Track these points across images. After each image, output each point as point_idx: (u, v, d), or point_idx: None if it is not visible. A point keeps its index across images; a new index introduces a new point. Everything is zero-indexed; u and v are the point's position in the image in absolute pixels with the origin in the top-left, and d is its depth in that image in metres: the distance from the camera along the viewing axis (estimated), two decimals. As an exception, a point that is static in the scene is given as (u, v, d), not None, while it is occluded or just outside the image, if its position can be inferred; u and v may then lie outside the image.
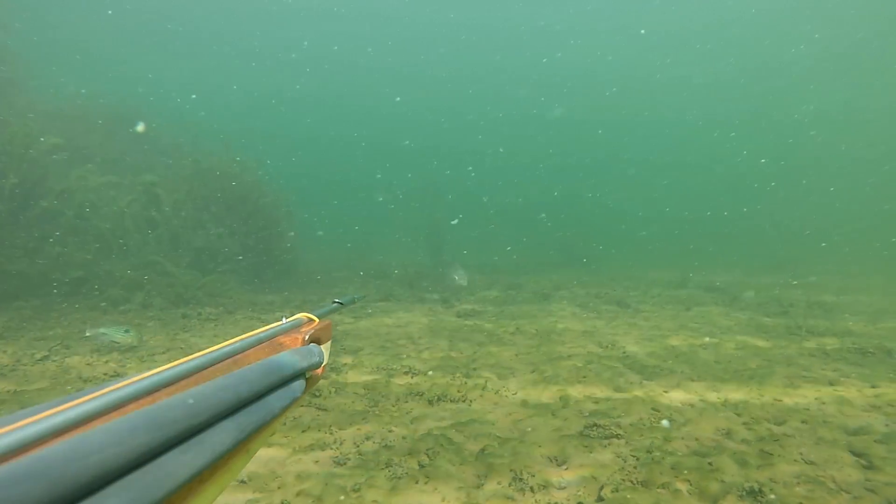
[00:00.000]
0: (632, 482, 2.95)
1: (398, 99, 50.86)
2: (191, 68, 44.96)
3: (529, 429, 3.72)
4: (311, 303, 9.12)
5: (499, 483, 2.93)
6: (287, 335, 0.89)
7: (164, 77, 40.58)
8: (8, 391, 4.32)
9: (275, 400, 0.72)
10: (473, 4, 41.10)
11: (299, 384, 0.82)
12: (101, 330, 5.40)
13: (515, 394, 4.47)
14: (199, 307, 8.01)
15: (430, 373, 5.01)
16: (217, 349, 0.70)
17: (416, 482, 2.91)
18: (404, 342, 6.33)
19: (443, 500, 2.75)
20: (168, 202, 8.98)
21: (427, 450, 3.30)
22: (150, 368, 0.60)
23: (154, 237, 8.71)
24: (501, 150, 54.50)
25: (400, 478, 2.96)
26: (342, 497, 2.74)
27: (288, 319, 0.95)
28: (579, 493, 2.84)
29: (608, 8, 39.50)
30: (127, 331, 5.47)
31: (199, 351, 0.68)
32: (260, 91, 50.59)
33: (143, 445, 0.45)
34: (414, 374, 4.96)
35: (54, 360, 5.22)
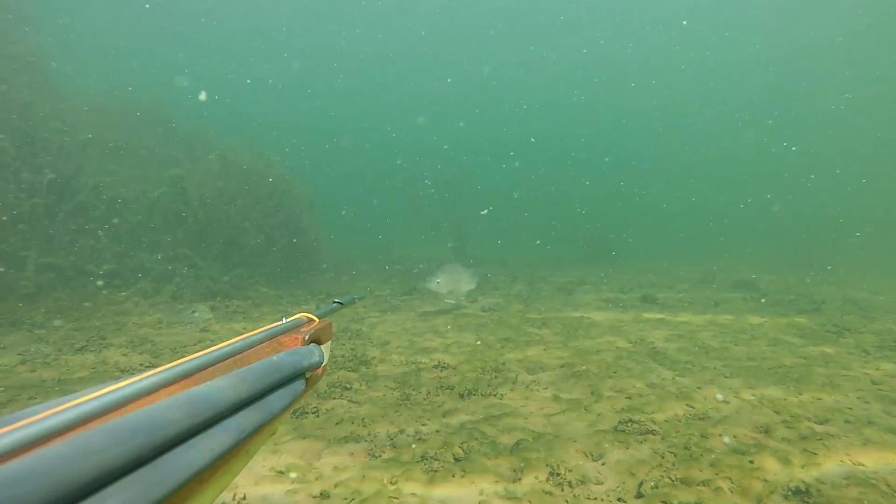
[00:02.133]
0: (671, 479, 2.90)
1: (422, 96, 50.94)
2: (217, 62, 45.62)
3: (563, 423, 3.69)
4: (337, 296, 9.20)
5: (536, 477, 2.92)
6: (287, 335, 0.89)
7: (190, 71, 41.23)
8: (53, 379, 4.45)
9: (275, 400, 0.72)
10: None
11: (299, 384, 0.82)
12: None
13: (546, 388, 4.44)
14: (226, 300, 8.14)
15: (460, 367, 5.01)
16: (217, 349, 0.70)
17: (453, 475, 2.91)
18: (431, 336, 6.34)
19: (480, 493, 2.74)
20: (195, 196, 9.12)
21: (461, 443, 3.30)
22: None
23: (182, 230, 8.86)
24: (533, 139, 54.19)
25: (436, 471, 2.96)
26: (380, 489, 2.75)
27: (288, 319, 0.95)
28: (618, 488, 2.80)
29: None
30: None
31: (200, 351, 0.67)
32: (286, 85, 51.11)
33: (143, 445, 0.45)
34: (443, 368, 4.96)
35: (92, 351, 5.36)
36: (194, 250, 8.71)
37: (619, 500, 2.68)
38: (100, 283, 8.01)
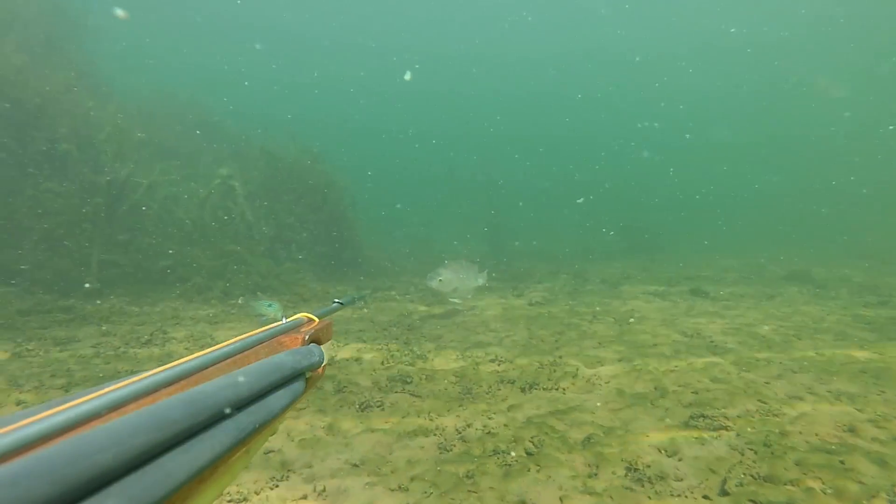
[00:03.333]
0: (754, 476, 2.81)
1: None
2: (261, 62, 46.77)
3: (631, 418, 3.61)
4: (381, 290, 9.29)
5: (613, 472, 2.86)
6: (287, 335, 0.89)
7: (233, 72, 42.36)
8: (127, 370, 4.64)
9: (275, 400, 0.72)
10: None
11: (299, 384, 0.81)
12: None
13: (608, 382, 4.36)
14: (276, 295, 8.31)
15: (516, 360, 4.97)
16: (217, 349, 0.70)
17: (528, 470, 2.89)
18: (482, 330, 6.32)
19: (560, 489, 2.71)
20: (242, 193, 9.34)
21: (531, 438, 3.27)
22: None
23: (231, 227, 9.10)
24: (567, 120, 53.37)
25: (510, 465, 2.94)
26: (456, 483, 2.75)
27: (288, 319, 0.95)
28: (701, 485, 2.73)
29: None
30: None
31: (201, 350, 0.67)
32: (328, 83, 51.95)
33: (143, 445, 0.45)
34: (500, 361, 4.93)
35: (157, 345, 5.56)
36: (243, 246, 8.93)
37: (704, 497, 2.60)
38: (156, 279, 8.30)
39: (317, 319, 1.01)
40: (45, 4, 10.38)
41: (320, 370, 0.92)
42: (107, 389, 0.50)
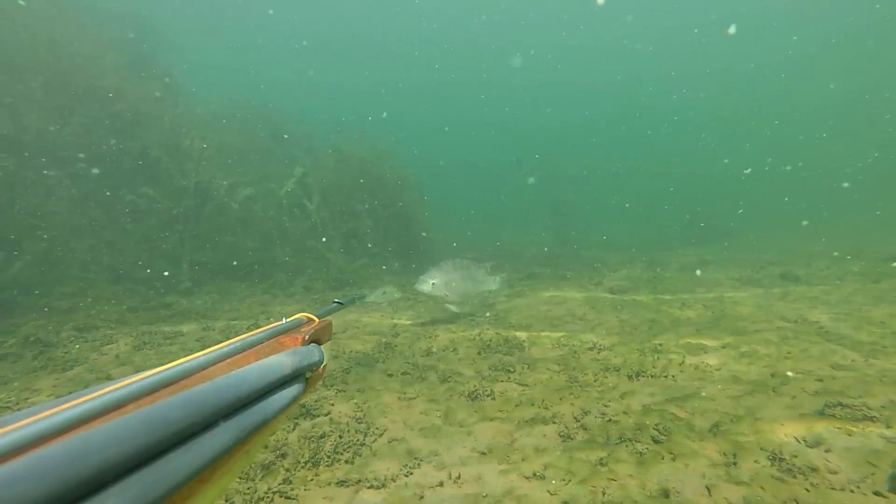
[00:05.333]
0: (920, 470, 2.58)
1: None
2: (325, 66, 48.58)
3: (756, 406, 3.42)
4: (391, 293, 9.33)
5: (756, 462, 2.71)
6: (287, 335, 0.89)
7: (301, 77, 44.20)
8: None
9: (275, 400, 0.72)
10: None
11: (299, 384, 0.81)
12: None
13: (718, 370, 4.16)
14: (354, 289, 8.52)
15: (615, 348, 4.84)
16: (217, 349, 0.69)
17: (662, 458, 2.78)
18: (570, 318, 6.20)
19: (703, 476, 2.59)
20: (317, 191, 9.61)
21: (655, 425, 3.16)
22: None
23: (308, 224, 9.39)
24: (637, 114, 52.06)
25: (642, 453, 2.85)
26: (593, 470, 2.69)
27: (288, 319, 0.95)
28: (865, 479, 2.53)
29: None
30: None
31: (201, 350, 0.67)
32: (391, 83, 53.30)
33: (143, 445, 0.45)
34: (599, 349, 4.82)
35: (255, 337, 5.81)
36: (319, 243, 9.19)
37: (875, 493, 2.41)
38: (241, 276, 8.70)
39: (317, 319, 1.01)
40: (135, 25, 11.15)
41: (320, 370, 0.92)
42: (107, 389, 0.50)
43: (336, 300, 1.25)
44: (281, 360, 0.77)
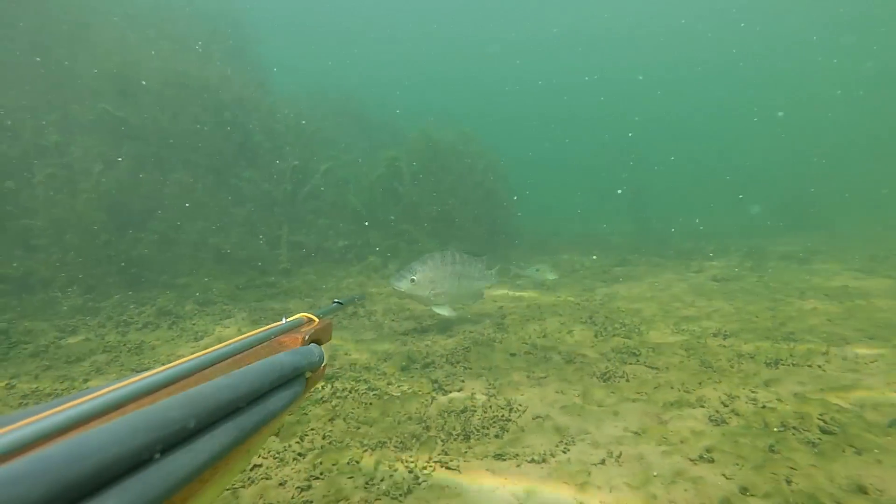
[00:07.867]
0: None
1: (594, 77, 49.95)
2: (416, 59, 50.34)
3: (934, 402, 3.11)
4: (537, 265, 9.21)
5: (955, 461, 2.46)
6: (287, 335, 0.89)
7: (393, 69, 46.07)
8: (350, 339, 5.05)
9: (275, 400, 0.72)
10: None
11: (299, 384, 0.81)
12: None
13: (874, 362, 3.82)
14: (443, 271, 8.58)
15: (741, 334, 4.58)
16: (217, 349, 0.69)
17: (843, 451, 2.59)
18: (678, 304, 5.95)
19: (898, 472, 2.39)
20: (408, 174, 9.74)
21: (820, 415, 2.94)
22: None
23: (399, 208, 9.55)
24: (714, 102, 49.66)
25: (814, 444, 2.66)
26: (765, 457, 2.55)
27: (288, 319, 0.95)
28: None
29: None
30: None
31: (201, 350, 0.66)
32: (474, 80, 54.15)
33: (143, 445, 0.45)
34: (724, 335, 4.58)
35: (363, 317, 5.99)
36: (412, 226, 9.33)
37: None
38: (336, 257, 8.99)
39: (317, 319, 1.01)
40: (232, 20, 11.80)
41: (320, 370, 0.92)
42: (107, 389, 0.50)
43: (336, 300, 1.27)
44: (281, 360, 0.78)
